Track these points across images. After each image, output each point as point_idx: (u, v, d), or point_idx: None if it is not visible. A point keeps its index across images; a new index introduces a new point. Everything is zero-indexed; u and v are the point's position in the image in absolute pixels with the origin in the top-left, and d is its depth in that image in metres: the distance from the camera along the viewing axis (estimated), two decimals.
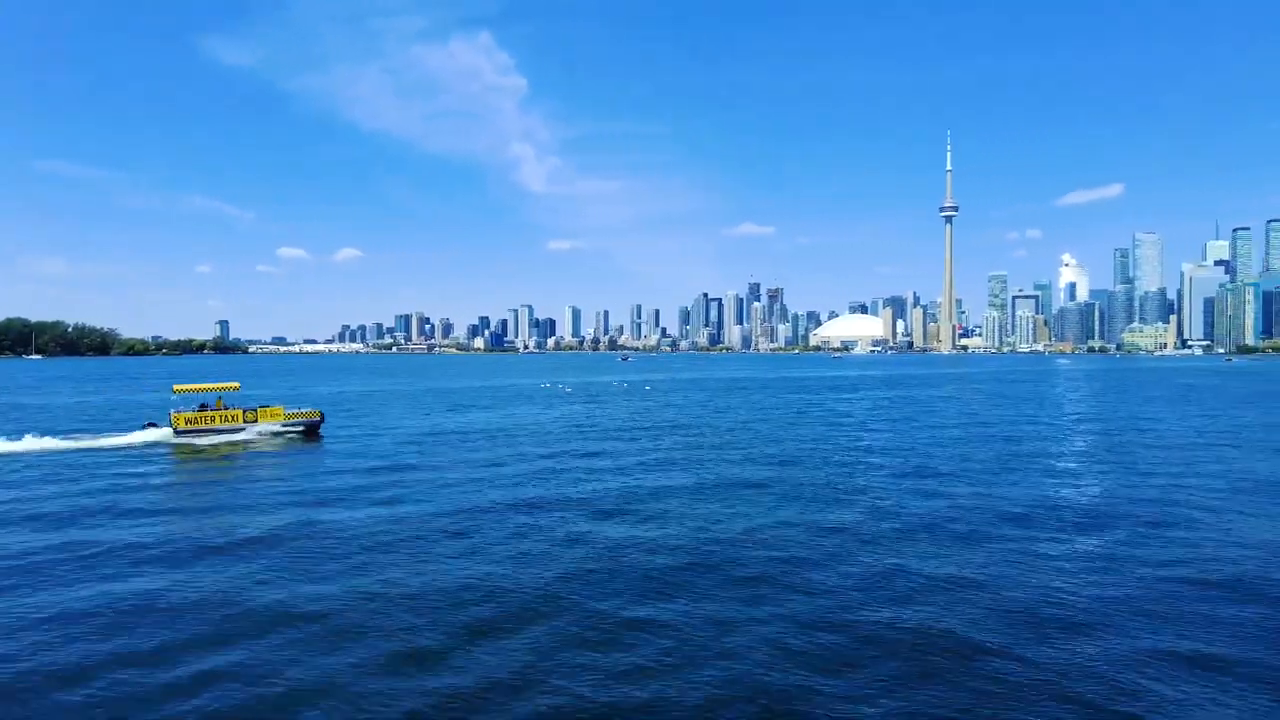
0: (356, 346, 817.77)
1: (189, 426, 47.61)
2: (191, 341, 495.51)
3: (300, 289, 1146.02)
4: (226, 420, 48.75)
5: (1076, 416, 66.40)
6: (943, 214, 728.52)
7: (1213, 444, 45.72)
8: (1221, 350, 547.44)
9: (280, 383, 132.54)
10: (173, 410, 49.58)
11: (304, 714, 12.24)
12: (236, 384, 54.59)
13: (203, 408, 49.45)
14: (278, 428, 49.98)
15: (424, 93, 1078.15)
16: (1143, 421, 60.21)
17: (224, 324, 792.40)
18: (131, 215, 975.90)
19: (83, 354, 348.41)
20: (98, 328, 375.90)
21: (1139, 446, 44.63)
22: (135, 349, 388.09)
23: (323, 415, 53.67)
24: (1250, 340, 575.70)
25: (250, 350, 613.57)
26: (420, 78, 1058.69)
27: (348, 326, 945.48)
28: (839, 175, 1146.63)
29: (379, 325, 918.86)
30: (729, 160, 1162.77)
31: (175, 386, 52.83)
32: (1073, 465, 38.03)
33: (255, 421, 49.45)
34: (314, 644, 15.00)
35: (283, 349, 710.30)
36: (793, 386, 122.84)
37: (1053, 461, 39.15)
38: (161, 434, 47.76)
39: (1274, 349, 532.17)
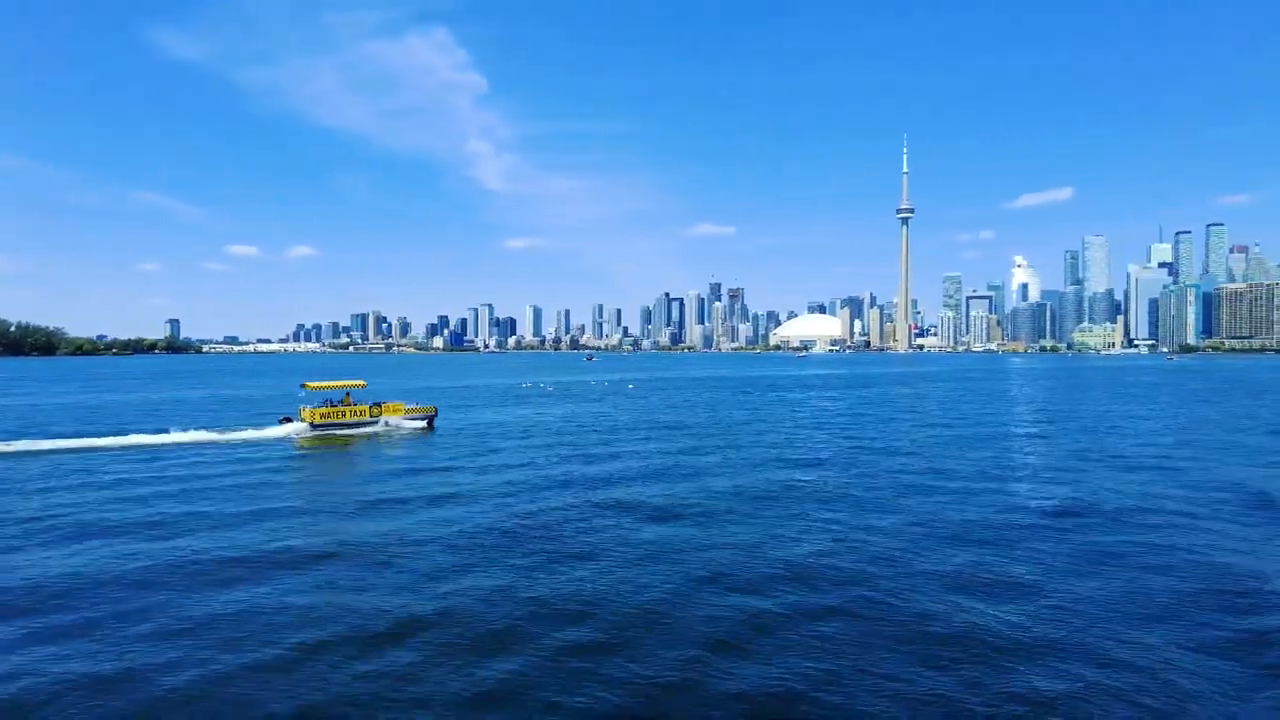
0: (313, 346, 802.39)
1: (324, 420, 51.00)
2: (142, 341, 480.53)
3: (252, 287, 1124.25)
4: (357, 415, 52.49)
5: (1059, 414, 69.48)
6: (899, 215, 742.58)
7: (1190, 442, 47.94)
8: (1165, 349, 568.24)
9: (249, 384, 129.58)
10: (302, 406, 52.82)
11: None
12: (364, 382, 60.07)
13: (327, 403, 52.67)
14: (402, 421, 53.83)
15: (379, 89, 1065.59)
16: (1128, 420, 62.96)
17: (174, 323, 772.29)
18: (74, 211, 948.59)
19: (27, 354, 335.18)
20: (43, 326, 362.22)
21: (1126, 444, 46.84)
22: (83, 349, 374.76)
23: (436, 410, 58.41)
24: (1191, 340, 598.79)
25: (204, 350, 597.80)
26: (376, 74, 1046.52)
27: (302, 326, 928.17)
28: (798, 176, 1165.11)
29: (335, 324, 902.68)
30: (689, 160, 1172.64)
31: (306, 384, 57.90)
32: (1077, 462, 39.36)
33: (381, 415, 53.31)
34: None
35: (236, 349, 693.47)
36: (770, 384, 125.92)
37: (1059, 458, 40.65)
38: (299, 427, 50.51)
39: (1213, 348, 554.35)
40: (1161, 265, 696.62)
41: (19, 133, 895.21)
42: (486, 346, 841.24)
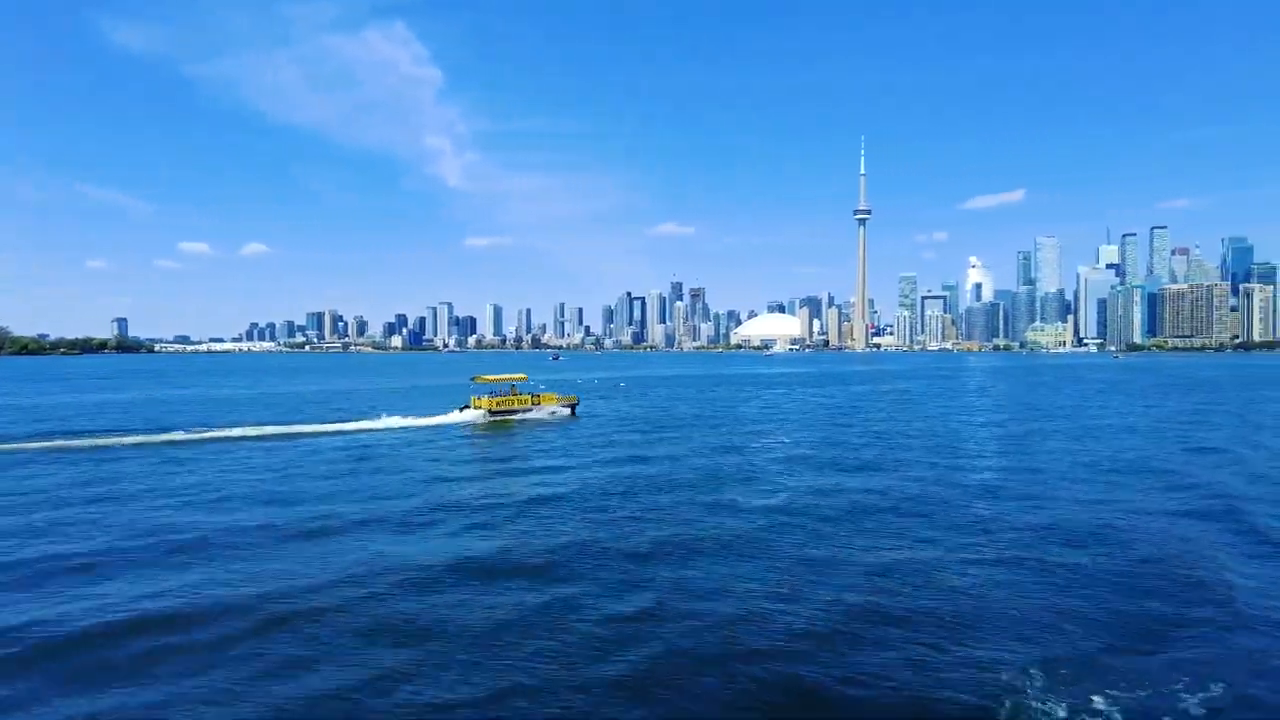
0: (268, 345, 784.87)
1: (499, 408, 60.96)
2: (91, 340, 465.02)
3: (204, 285, 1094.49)
4: (522, 403, 62.89)
5: (1034, 408, 74.47)
6: (856, 217, 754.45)
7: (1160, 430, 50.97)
8: (1113, 348, 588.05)
9: (229, 383, 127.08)
10: (474, 396, 63.41)
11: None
12: (525, 375, 70.23)
13: (494, 394, 63.16)
14: (556, 408, 64.48)
15: (336, 83, 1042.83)
16: (1102, 412, 66.86)
17: (122, 321, 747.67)
18: (16, 206, 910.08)
19: None
20: None
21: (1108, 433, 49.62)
22: (29, 348, 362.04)
23: (578, 400, 69.52)
24: (1138, 339, 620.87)
25: (156, 349, 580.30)
26: (332, 68, 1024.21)
27: (256, 325, 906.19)
28: (759, 177, 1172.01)
29: (290, 323, 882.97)
30: (652, 159, 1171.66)
31: (475, 377, 67.89)
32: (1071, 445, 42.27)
33: (539, 404, 63.60)
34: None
35: (188, 348, 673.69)
36: (754, 382, 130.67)
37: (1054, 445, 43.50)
38: (478, 414, 60.19)
39: (1157, 346, 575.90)
40: (1109, 266, 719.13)
41: None
42: (446, 346, 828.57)
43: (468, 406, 61.82)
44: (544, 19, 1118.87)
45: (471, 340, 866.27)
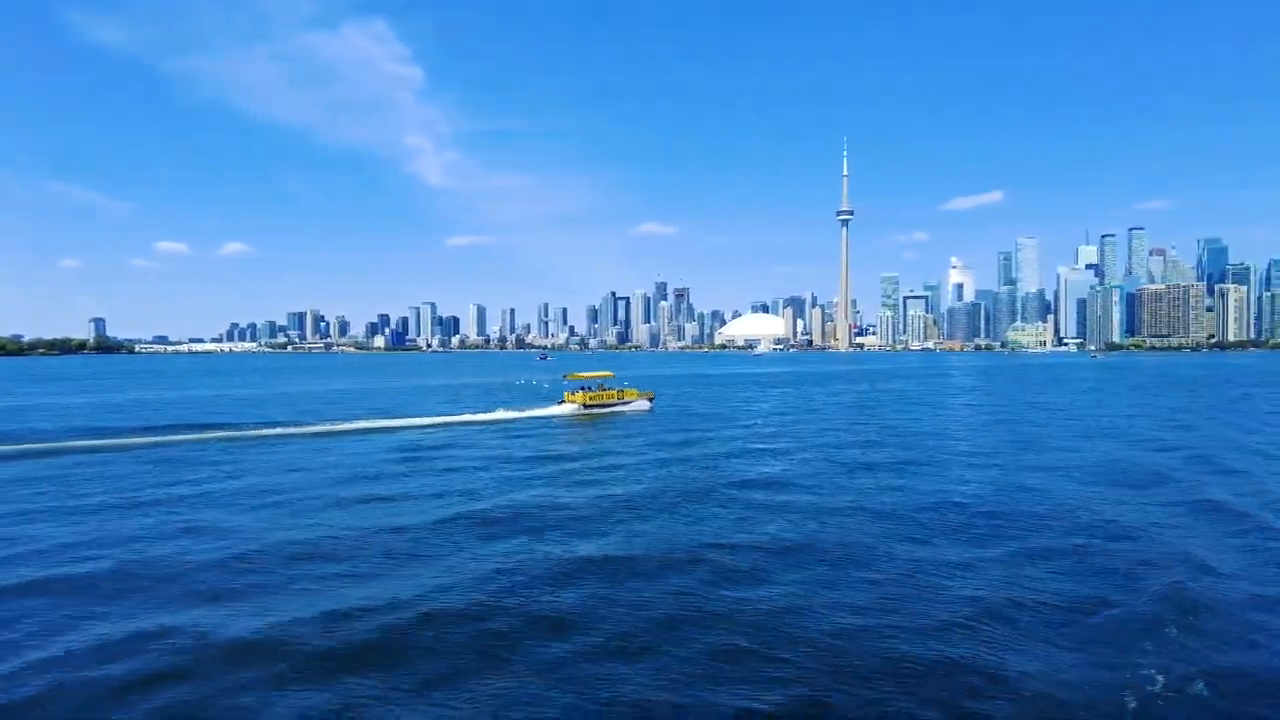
0: (250, 345, 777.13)
1: (591, 402, 67.96)
2: (70, 340, 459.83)
3: (182, 285, 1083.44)
4: (611, 398, 69.99)
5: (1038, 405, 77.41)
6: (839, 218, 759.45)
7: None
8: (1092, 347, 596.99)
9: (254, 383, 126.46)
10: (567, 391, 70.81)
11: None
12: (611, 372, 77.89)
13: (584, 389, 69.52)
14: (638, 403, 71.42)
15: (315, 81, 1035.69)
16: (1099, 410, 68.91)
17: (99, 322, 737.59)
18: None
19: None
20: None
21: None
22: (6, 349, 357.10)
23: (654, 394, 77.72)
24: (1116, 338, 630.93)
25: (136, 350, 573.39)
26: (311, 66, 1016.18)
27: (236, 325, 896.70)
28: (741, 177, 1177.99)
29: (271, 323, 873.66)
30: (633, 159, 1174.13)
31: (567, 374, 77.57)
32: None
33: (624, 399, 70.63)
34: None
35: (169, 348, 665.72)
36: (755, 381, 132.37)
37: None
38: (573, 408, 66.99)
39: (1135, 346, 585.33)
40: (1089, 267, 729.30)
41: None
42: (429, 346, 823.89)
43: (562, 402, 69.16)
44: (524, 18, 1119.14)
45: (455, 340, 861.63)
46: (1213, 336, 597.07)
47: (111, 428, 55.80)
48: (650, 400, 74.05)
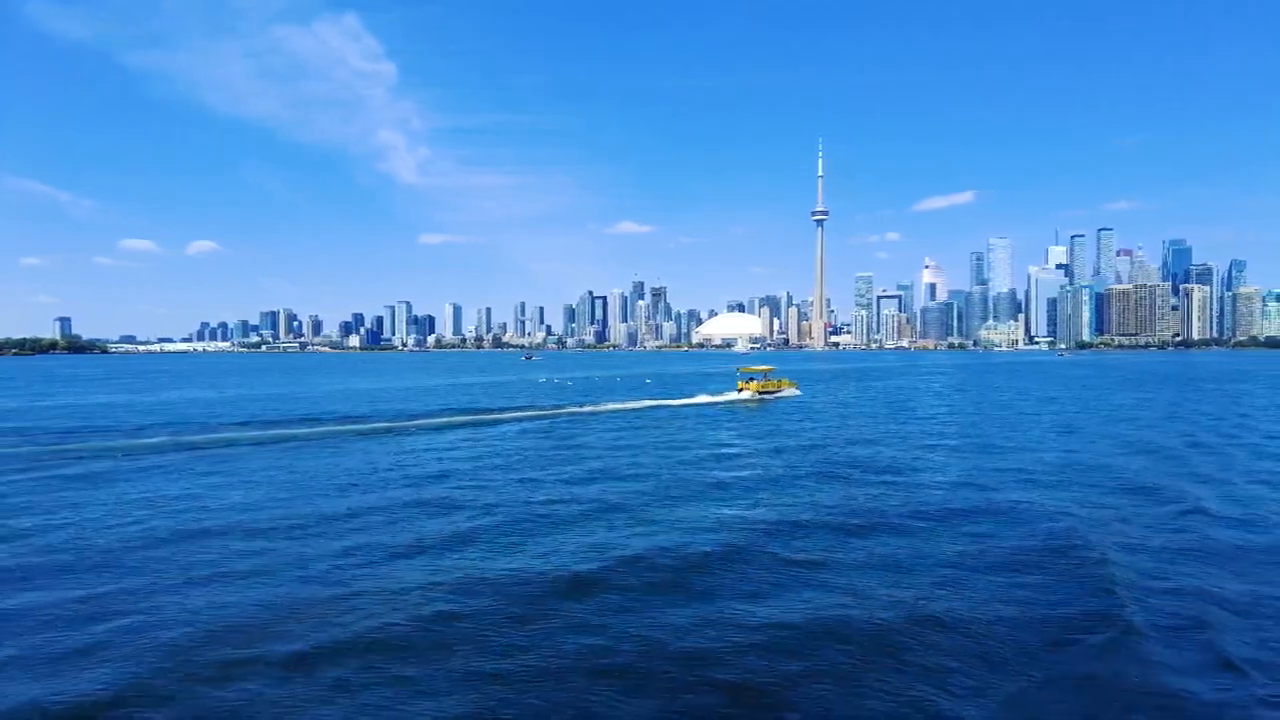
0: (224, 345, 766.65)
1: (762, 390, 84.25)
2: (39, 340, 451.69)
3: (149, 284, 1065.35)
4: (775, 386, 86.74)
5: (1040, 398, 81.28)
6: (814, 218, 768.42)
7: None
8: (1062, 346, 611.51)
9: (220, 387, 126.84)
10: (740, 381, 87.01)
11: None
12: (773, 367, 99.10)
13: (753, 379, 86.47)
14: (793, 391, 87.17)
15: (286, 76, 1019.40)
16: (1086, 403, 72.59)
17: (65, 321, 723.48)
18: None
19: None
20: None
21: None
22: None
23: (799, 384, 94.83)
24: (1086, 337, 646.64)
25: (109, 350, 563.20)
26: (282, 60, 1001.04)
27: (207, 324, 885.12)
28: (716, 177, 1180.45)
29: (244, 323, 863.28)
30: (608, 157, 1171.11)
31: (739, 367, 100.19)
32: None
33: (782, 388, 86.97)
34: None
35: (141, 348, 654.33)
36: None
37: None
38: (748, 394, 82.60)
39: (1104, 344, 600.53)
40: (1059, 267, 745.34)
41: None
42: (405, 345, 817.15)
43: (740, 389, 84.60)
44: (497, 15, 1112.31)
45: (431, 340, 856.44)
46: (1178, 335, 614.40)
47: (276, 419, 62.35)
48: (798, 389, 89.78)
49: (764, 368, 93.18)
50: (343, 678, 14.05)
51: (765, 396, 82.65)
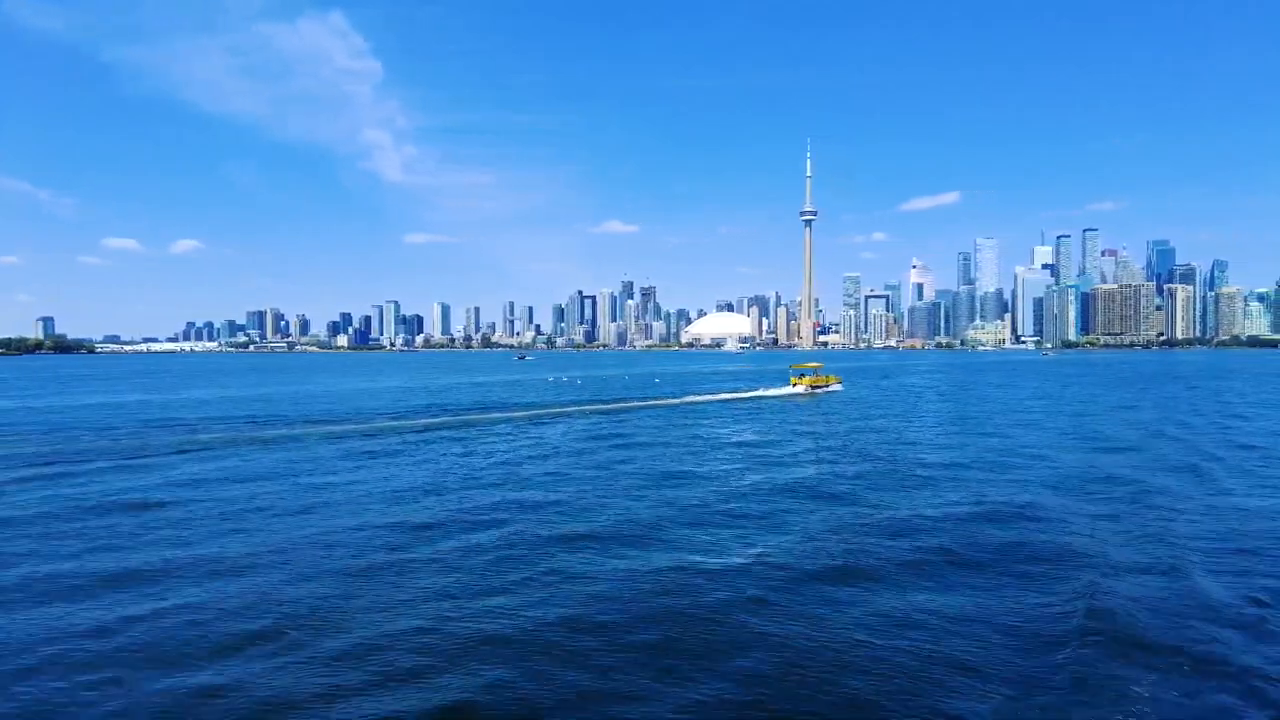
0: (210, 345, 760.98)
1: (813, 384, 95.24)
2: (25, 340, 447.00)
3: (133, 283, 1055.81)
4: (823, 382, 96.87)
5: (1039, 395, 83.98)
6: (803, 218, 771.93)
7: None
8: (1048, 345, 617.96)
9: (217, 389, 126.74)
10: (793, 376, 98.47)
11: None
12: (821, 364, 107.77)
13: (804, 375, 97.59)
14: (838, 387, 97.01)
15: (270, 74, 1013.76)
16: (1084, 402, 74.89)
17: (48, 320, 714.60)
18: None
19: None
20: None
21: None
22: None
23: (842, 379, 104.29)
24: (1072, 336, 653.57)
25: (96, 350, 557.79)
26: (266, 58, 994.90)
27: (193, 324, 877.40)
28: (703, 177, 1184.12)
29: (230, 322, 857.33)
30: (595, 156, 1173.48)
31: (792, 365, 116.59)
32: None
33: (829, 383, 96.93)
34: None
35: (127, 348, 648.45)
36: (756, 377, 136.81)
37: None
38: (802, 389, 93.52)
39: (1090, 344, 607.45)
40: (1045, 267, 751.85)
41: None
42: (393, 345, 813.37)
43: (794, 383, 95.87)
44: (483, 13, 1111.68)
45: (419, 339, 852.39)
46: (1162, 334, 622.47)
47: (386, 411, 71.36)
48: (841, 384, 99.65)
49: (814, 364, 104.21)
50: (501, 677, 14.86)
51: (816, 391, 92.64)
